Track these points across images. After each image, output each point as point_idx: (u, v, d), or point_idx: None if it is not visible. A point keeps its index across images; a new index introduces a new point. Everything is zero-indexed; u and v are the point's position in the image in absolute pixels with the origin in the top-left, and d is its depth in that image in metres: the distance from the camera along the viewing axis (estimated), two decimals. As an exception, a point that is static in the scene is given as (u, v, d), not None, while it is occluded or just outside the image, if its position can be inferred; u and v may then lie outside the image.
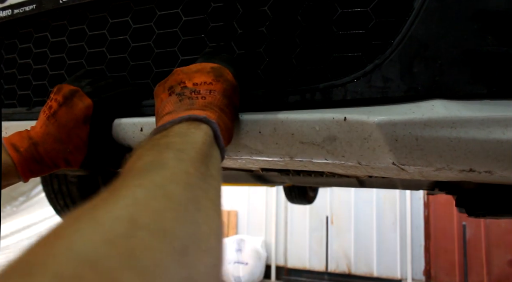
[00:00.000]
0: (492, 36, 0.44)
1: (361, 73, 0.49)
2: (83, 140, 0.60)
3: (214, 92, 0.48)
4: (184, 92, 0.48)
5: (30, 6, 0.73)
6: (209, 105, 0.46)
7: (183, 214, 0.24)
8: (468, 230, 4.54)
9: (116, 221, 0.21)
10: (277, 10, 0.55)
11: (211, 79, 0.48)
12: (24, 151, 0.58)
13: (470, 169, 0.46)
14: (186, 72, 0.50)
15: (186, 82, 0.49)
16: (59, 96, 0.60)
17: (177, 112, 0.44)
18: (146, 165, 0.29)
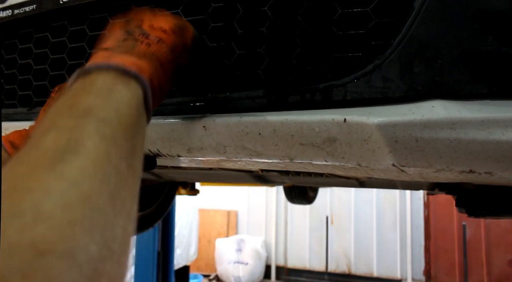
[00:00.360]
0: (493, 36, 0.44)
1: (361, 74, 0.49)
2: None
3: (163, 43, 0.43)
4: (133, 32, 0.43)
5: (31, 6, 0.73)
6: (149, 55, 0.41)
7: (98, 224, 0.21)
8: (468, 230, 4.54)
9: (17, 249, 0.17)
10: (277, 10, 0.55)
11: (168, 27, 0.45)
12: (19, 145, 0.58)
13: (470, 170, 0.46)
14: (153, 14, 0.46)
15: (145, 21, 0.45)
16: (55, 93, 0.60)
17: (112, 54, 0.39)
18: (59, 148, 0.25)
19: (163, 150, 0.62)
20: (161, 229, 2.97)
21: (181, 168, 0.99)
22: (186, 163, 0.74)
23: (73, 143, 0.26)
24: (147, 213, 2.02)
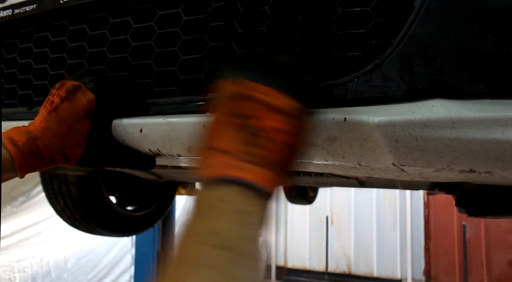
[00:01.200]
0: (493, 36, 0.44)
1: (361, 73, 0.49)
2: (83, 135, 0.60)
3: (285, 146, 0.40)
4: (248, 130, 0.39)
5: (31, 6, 0.73)
6: (275, 163, 0.38)
7: None
8: (468, 230, 4.54)
9: None
10: (277, 9, 0.55)
11: (286, 126, 0.40)
12: (22, 145, 0.57)
13: (470, 169, 0.46)
14: (259, 103, 0.41)
15: (254, 119, 0.40)
16: (62, 91, 0.60)
17: (236, 163, 0.37)
18: None
19: (163, 149, 0.62)
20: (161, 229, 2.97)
21: (181, 167, 0.99)
22: (187, 163, 0.74)
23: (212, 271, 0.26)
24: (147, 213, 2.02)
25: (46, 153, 0.59)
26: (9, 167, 0.56)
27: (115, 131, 0.63)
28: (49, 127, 0.59)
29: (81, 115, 0.59)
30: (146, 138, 0.61)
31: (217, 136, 0.40)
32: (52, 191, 1.46)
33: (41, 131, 0.59)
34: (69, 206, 1.44)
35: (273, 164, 0.38)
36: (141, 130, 0.60)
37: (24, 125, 0.61)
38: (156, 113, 0.62)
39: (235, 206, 0.32)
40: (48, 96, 0.61)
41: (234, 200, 0.33)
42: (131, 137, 0.62)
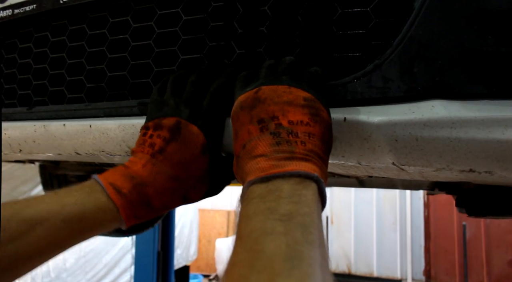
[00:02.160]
0: (492, 36, 0.44)
1: (361, 74, 0.49)
2: (205, 170, 0.53)
3: (314, 137, 0.42)
4: (280, 133, 0.42)
5: (31, 6, 0.73)
6: (310, 153, 0.41)
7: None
8: (468, 230, 4.54)
9: None
10: (277, 10, 0.55)
11: (307, 118, 0.43)
12: (128, 193, 0.48)
13: (470, 169, 0.46)
14: (277, 103, 0.44)
15: (280, 118, 0.43)
16: (163, 132, 0.51)
17: (277, 160, 0.40)
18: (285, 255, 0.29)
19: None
20: (161, 229, 2.97)
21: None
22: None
23: (291, 249, 0.29)
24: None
25: (159, 200, 0.50)
26: (114, 218, 0.48)
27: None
28: (159, 172, 0.50)
29: (196, 154, 0.51)
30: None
31: (255, 145, 0.43)
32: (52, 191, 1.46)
33: (149, 176, 0.50)
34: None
35: (306, 155, 0.41)
36: None
37: (122, 167, 0.51)
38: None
39: (284, 192, 0.36)
40: (142, 137, 0.53)
41: (281, 188, 0.37)
42: None
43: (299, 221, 0.33)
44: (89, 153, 0.71)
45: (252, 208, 0.36)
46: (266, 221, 0.33)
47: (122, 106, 0.65)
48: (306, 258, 0.29)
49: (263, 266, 0.28)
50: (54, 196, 0.46)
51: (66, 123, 0.69)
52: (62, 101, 0.74)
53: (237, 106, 0.47)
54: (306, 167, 0.39)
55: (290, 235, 0.31)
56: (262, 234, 0.32)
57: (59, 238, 0.45)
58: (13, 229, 0.42)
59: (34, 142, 0.74)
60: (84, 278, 3.47)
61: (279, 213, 0.34)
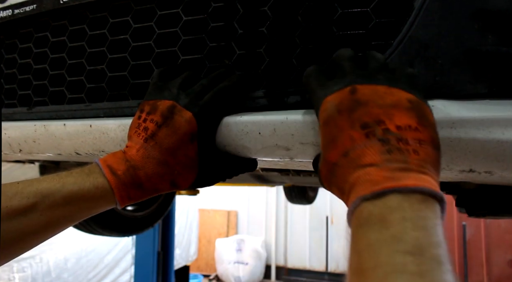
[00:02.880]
0: (493, 36, 0.44)
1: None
2: (192, 158, 0.53)
3: (425, 144, 0.37)
4: (389, 140, 0.37)
5: (31, 6, 0.73)
6: (426, 165, 0.36)
7: None
8: (468, 230, 4.54)
9: None
10: (277, 10, 0.55)
11: (415, 122, 0.38)
12: (122, 174, 0.51)
13: (470, 169, 0.46)
14: (381, 106, 0.39)
15: (387, 122, 0.38)
16: (156, 116, 0.53)
17: (391, 171, 0.35)
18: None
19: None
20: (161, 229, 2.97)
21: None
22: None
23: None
24: (147, 213, 2.02)
25: (149, 183, 0.52)
26: (109, 197, 0.50)
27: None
28: (149, 157, 0.52)
29: (185, 141, 0.52)
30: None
31: (362, 153, 0.38)
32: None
33: (141, 161, 0.52)
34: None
35: (421, 166, 0.36)
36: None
37: (121, 151, 0.54)
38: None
39: (408, 213, 0.31)
40: (137, 120, 0.55)
41: (402, 207, 0.32)
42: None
43: (432, 255, 0.28)
44: (89, 153, 0.71)
45: (374, 235, 0.31)
46: (394, 254, 0.28)
47: (123, 106, 0.65)
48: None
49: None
50: (55, 176, 0.49)
51: (66, 123, 0.69)
52: (62, 102, 0.74)
53: (331, 110, 0.41)
54: (427, 182, 0.34)
55: (426, 277, 0.27)
56: (392, 272, 0.27)
57: (59, 215, 0.47)
58: (16, 205, 0.45)
59: (34, 142, 0.74)
60: (85, 278, 3.48)
61: (407, 242, 0.29)
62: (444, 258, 0.29)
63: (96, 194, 0.49)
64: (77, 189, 0.48)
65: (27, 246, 0.47)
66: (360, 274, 0.29)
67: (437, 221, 0.32)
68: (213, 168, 0.56)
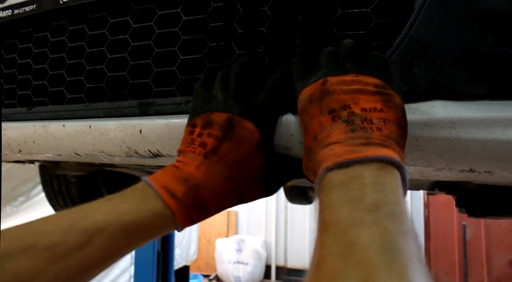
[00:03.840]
0: (493, 37, 0.44)
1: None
2: (260, 168, 0.50)
3: (389, 122, 0.40)
4: (353, 121, 0.40)
5: (30, 6, 0.73)
6: (388, 139, 0.39)
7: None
8: (468, 230, 4.54)
9: None
10: (277, 10, 0.55)
11: (380, 105, 0.41)
12: (184, 196, 0.46)
13: (470, 169, 0.46)
14: (346, 92, 0.42)
15: (352, 106, 0.41)
16: (214, 130, 0.49)
17: (352, 146, 0.38)
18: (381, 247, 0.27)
19: (162, 150, 0.62)
20: (161, 229, 2.96)
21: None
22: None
23: (386, 241, 0.27)
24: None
25: (214, 202, 0.48)
26: (169, 223, 0.46)
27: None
28: (213, 173, 0.48)
29: (251, 152, 0.49)
30: (146, 139, 0.61)
31: (328, 134, 0.41)
32: (52, 191, 1.47)
33: (204, 178, 0.47)
34: (69, 206, 1.44)
35: (384, 141, 0.39)
36: None
37: (172, 167, 0.49)
38: (155, 114, 0.62)
39: (367, 179, 0.34)
40: (189, 135, 0.50)
41: (362, 175, 0.35)
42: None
43: (388, 210, 0.31)
44: (88, 154, 0.71)
45: (335, 196, 0.34)
46: (353, 211, 0.31)
47: (122, 106, 0.65)
48: (403, 250, 0.27)
49: (358, 259, 0.26)
50: (108, 203, 0.45)
51: (66, 124, 0.69)
52: (62, 102, 0.74)
53: (304, 100, 0.45)
54: (386, 153, 0.37)
55: (381, 225, 0.29)
56: (351, 224, 0.30)
57: (118, 247, 0.44)
58: (72, 241, 0.41)
59: (34, 143, 0.74)
60: (84, 278, 3.47)
61: (365, 202, 0.32)
62: (399, 213, 0.31)
63: (155, 222, 0.45)
64: (134, 219, 0.44)
65: (85, 279, 0.43)
66: (324, 229, 0.31)
67: (397, 184, 0.35)
68: (278, 173, 0.53)
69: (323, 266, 0.27)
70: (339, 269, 0.26)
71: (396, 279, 0.24)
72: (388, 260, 0.26)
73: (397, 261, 0.26)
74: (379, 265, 0.25)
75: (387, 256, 0.26)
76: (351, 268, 0.26)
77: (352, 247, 0.27)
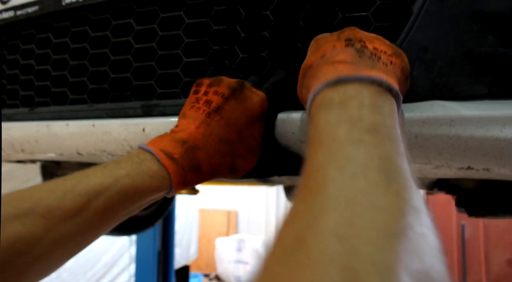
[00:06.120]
0: (492, 37, 0.44)
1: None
2: (257, 140, 0.49)
3: (395, 65, 0.40)
4: (364, 51, 0.40)
5: (33, 7, 0.74)
6: (390, 73, 0.39)
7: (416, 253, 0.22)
8: (467, 230, 4.55)
9: None
10: (279, 14, 0.55)
11: (390, 52, 0.41)
12: (180, 158, 0.46)
13: (468, 166, 0.47)
14: (363, 34, 0.43)
15: (367, 43, 0.41)
16: (222, 88, 0.48)
17: (357, 66, 0.37)
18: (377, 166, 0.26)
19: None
20: (161, 228, 2.97)
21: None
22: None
23: (385, 160, 0.27)
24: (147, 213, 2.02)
25: (208, 166, 0.48)
26: (164, 185, 0.45)
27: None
28: (212, 134, 0.47)
29: (254, 118, 0.48)
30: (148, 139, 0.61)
31: (336, 54, 0.40)
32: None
33: (202, 139, 0.47)
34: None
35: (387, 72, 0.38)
36: None
37: (170, 133, 0.49)
38: (159, 115, 0.62)
39: (366, 100, 0.34)
40: (194, 95, 0.50)
41: (361, 95, 0.34)
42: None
43: (386, 133, 0.30)
44: (91, 153, 0.71)
45: (333, 114, 0.32)
46: (351, 130, 0.30)
47: (126, 107, 0.66)
48: (402, 171, 0.26)
49: (355, 171, 0.25)
50: (104, 169, 0.44)
51: (69, 123, 0.70)
52: (65, 102, 0.74)
53: (325, 34, 0.45)
54: (388, 79, 0.36)
55: (380, 146, 0.28)
56: (349, 142, 0.28)
57: (113, 211, 0.43)
58: (70, 205, 0.40)
59: (37, 142, 0.75)
60: (83, 278, 3.47)
61: (364, 122, 0.30)
62: (396, 137, 0.31)
63: (151, 184, 0.44)
64: (131, 182, 0.43)
65: (82, 245, 0.43)
66: (319, 146, 0.30)
67: (393, 111, 0.34)
68: (273, 156, 0.53)
69: (315, 176, 0.26)
70: (332, 177, 0.25)
71: (392, 196, 0.24)
72: (387, 178, 0.25)
73: (396, 180, 0.25)
74: (378, 182, 0.24)
75: (385, 175, 0.25)
76: (347, 178, 0.24)
77: (349, 161, 0.26)
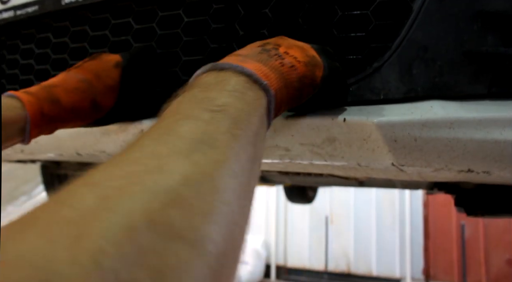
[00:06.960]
0: (492, 37, 0.44)
1: (360, 76, 0.49)
2: (115, 80, 0.56)
3: (295, 70, 0.41)
4: (269, 51, 0.41)
5: (33, 7, 0.74)
6: (279, 72, 0.39)
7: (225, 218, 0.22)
8: (466, 230, 4.55)
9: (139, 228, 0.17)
10: (278, 12, 0.55)
11: (303, 60, 0.42)
12: (36, 91, 0.50)
13: (468, 169, 0.47)
14: (288, 41, 0.45)
15: (282, 47, 0.43)
16: (85, 59, 0.59)
17: (243, 59, 0.38)
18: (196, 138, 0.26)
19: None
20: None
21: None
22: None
23: (208, 136, 0.26)
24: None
25: (68, 99, 0.52)
26: (19, 118, 0.47)
27: None
28: (69, 76, 0.54)
29: (109, 65, 0.57)
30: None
31: (240, 50, 0.42)
32: (53, 190, 1.47)
33: (60, 79, 0.53)
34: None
35: (275, 69, 0.38)
36: None
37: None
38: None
39: (230, 86, 0.34)
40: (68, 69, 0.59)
41: (228, 81, 0.34)
42: None
43: (231, 113, 0.29)
44: (90, 154, 0.71)
45: (190, 94, 0.33)
46: (195, 108, 0.30)
47: (124, 107, 0.66)
48: (221, 147, 0.26)
49: (167, 140, 0.25)
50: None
51: (68, 123, 0.70)
52: (64, 102, 0.74)
53: None
54: (263, 73, 0.36)
55: (213, 124, 0.28)
56: (184, 117, 0.28)
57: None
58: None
59: (36, 142, 0.75)
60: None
61: (213, 103, 0.30)
62: (243, 120, 0.30)
63: (6, 116, 0.46)
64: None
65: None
66: (160, 119, 0.30)
67: (255, 100, 0.34)
68: (131, 95, 0.59)
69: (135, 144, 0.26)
70: (146, 145, 0.25)
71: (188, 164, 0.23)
72: (195, 149, 0.24)
73: (205, 153, 0.24)
74: (182, 149, 0.24)
75: (196, 146, 0.25)
76: (160, 146, 0.24)
77: (169, 131, 0.26)
